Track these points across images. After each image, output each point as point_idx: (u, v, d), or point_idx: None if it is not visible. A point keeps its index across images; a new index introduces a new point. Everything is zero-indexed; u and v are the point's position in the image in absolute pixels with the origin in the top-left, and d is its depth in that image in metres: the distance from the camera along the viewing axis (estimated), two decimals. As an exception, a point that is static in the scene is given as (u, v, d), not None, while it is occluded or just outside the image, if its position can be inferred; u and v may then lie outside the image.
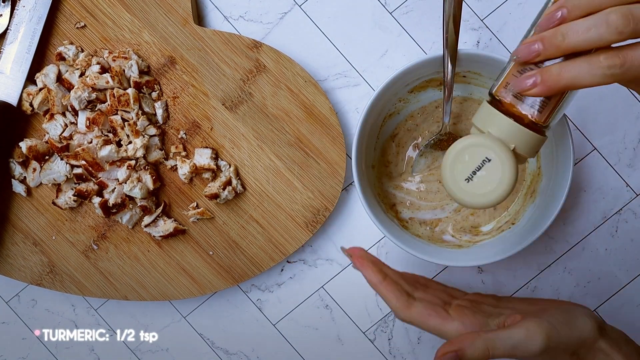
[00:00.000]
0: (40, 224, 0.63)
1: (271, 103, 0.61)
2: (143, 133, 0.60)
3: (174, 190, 0.63)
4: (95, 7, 0.61)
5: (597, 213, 0.63)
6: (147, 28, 0.61)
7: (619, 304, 0.64)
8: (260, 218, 0.62)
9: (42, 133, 0.62)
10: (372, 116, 0.56)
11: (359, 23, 0.63)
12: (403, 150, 0.61)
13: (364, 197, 0.54)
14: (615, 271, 0.64)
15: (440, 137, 0.59)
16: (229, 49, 0.61)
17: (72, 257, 0.63)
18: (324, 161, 0.61)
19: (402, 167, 0.61)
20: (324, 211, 0.62)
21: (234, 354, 0.66)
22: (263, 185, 0.62)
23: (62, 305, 0.66)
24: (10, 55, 0.60)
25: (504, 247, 0.55)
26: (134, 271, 0.63)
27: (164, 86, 0.62)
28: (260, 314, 0.65)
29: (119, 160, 0.60)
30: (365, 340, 0.65)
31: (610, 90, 0.62)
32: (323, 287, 0.65)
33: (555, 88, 0.41)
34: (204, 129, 0.62)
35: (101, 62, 0.60)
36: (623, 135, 0.63)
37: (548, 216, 0.53)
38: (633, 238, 0.63)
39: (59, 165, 0.61)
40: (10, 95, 0.60)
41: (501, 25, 0.62)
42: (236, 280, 0.63)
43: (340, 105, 0.64)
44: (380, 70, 0.63)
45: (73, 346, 0.67)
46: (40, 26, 0.61)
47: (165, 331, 0.66)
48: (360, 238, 0.64)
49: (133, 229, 0.63)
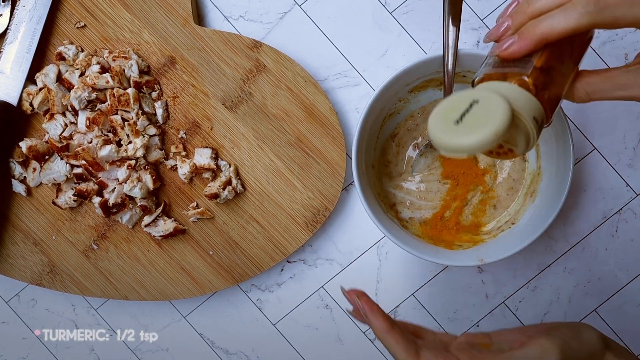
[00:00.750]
0: (40, 223, 0.63)
1: (271, 103, 0.61)
2: (143, 133, 0.60)
3: (174, 190, 0.63)
4: (95, 6, 0.61)
5: (597, 213, 0.63)
6: (147, 28, 0.61)
7: (619, 304, 0.64)
8: (260, 218, 0.62)
9: (42, 133, 0.62)
10: (372, 116, 0.56)
11: (359, 23, 0.63)
12: (403, 150, 0.61)
13: (364, 196, 0.54)
14: (615, 271, 0.64)
15: None
16: (229, 49, 0.61)
17: (72, 257, 0.63)
18: (324, 161, 0.61)
19: (402, 167, 0.61)
20: (324, 211, 0.62)
21: (234, 354, 0.66)
22: (263, 185, 0.62)
23: (62, 305, 0.66)
24: (10, 55, 0.60)
25: (504, 247, 0.55)
26: (134, 271, 0.63)
27: (164, 86, 0.62)
28: (260, 313, 0.65)
29: (119, 160, 0.60)
30: (365, 340, 0.65)
31: (610, 90, 0.62)
32: (323, 287, 0.65)
33: (533, 40, 0.40)
34: (204, 128, 0.62)
35: (101, 62, 0.60)
36: (623, 135, 0.63)
37: (548, 216, 0.53)
38: (633, 238, 0.63)
39: (59, 165, 0.61)
40: (10, 95, 0.60)
41: (501, 25, 0.62)
42: (236, 280, 0.63)
43: (340, 105, 0.64)
44: (380, 70, 0.63)
45: (73, 346, 0.67)
46: (40, 26, 0.61)
47: (165, 331, 0.66)
48: (360, 238, 0.64)
49: (133, 228, 0.63)
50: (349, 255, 0.64)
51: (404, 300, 0.65)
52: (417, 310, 0.65)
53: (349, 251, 0.64)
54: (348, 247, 0.64)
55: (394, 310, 0.65)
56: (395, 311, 0.65)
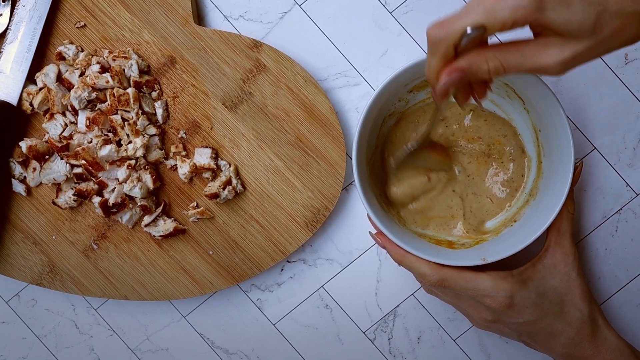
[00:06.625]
0: (40, 223, 0.63)
1: (271, 103, 0.61)
2: (143, 133, 0.60)
3: (174, 189, 0.63)
4: (95, 6, 0.61)
5: (597, 213, 0.63)
6: (147, 27, 0.61)
7: (619, 303, 0.64)
8: (260, 218, 0.62)
9: (42, 132, 0.62)
10: (372, 116, 0.56)
11: (359, 23, 0.63)
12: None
13: (365, 196, 0.54)
14: (615, 271, 0.64)
15: (424, 141, 0.58)
16: (229, 49, 0.61)
17: (72, 257, 0.63)
18: (324, 161, 0.61)
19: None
20: (324, 211, 0.62)
21: (234, 354, 0.66)
22: (263, 184, 0.62)
23: (62, 305, 0.66)
24: (10, 55, 0.60)
25: (505, 246, 0.55)
26: (134, 271, 0.63)
27: (164, 86, 0.62)
28: (260, 313, 0.65)
29: (119, 160, 0.60)
30: (365, 340, 0.65)
31: (610, 90, 0.62)
32: (323, 287, 0.65)
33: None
34: (204, 128, 0.62)
35: (101, 62, 0.60)
36: (623, 135, 0.63)
37: (548, 215, 0.54)
38: (633, 238, 0.63)
39: (59, 164, 0.61)
40: (11, 95, 0.60)
41: (501, 25, 0.62)
42: (236, 280, 0.63)
43: (340, 105, 0.64)
44: (380, 70, 0.63)
45: (73, 346, 0.67)
46: (40, 26, 0.61)
47: (165, 331, 0.66)
48: (360, 238, 0.64)
49: (133, 228, 0.63)
50: (349, 255, 0.64)
51: (404, 300, 0.65)
52: (417, 310, 0.65)
53: (349, 251, 0.64)
54: (348, 247, 0.64)
55: (394, 310, 0.65)
56: (395, 311, 0.65)
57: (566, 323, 0.55)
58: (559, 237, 0.56)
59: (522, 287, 0.54)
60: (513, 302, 0.53)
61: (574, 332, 0.55)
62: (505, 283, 0.53)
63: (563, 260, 0.56)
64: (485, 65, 0.42)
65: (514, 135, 0.59)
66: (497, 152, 0.60)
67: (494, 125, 0.60)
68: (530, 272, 0.55)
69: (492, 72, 0.42)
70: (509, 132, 0.60)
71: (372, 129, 0.58)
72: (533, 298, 0.54)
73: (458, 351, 0.65)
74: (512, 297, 0.53)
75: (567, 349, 0.55)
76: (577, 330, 0.55)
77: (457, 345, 0.65)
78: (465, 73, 0.43)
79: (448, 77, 0.43)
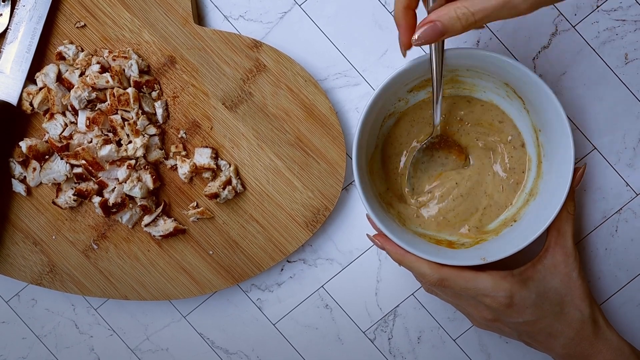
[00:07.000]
0: (40, 223, 0.63)
1: (271, 103, 0.61)
2: (143, 132, 0.60)
3: (174, 189, 0.63)
4: (95, 6, 0.61)
5: (597, 213, 0.63)
6: (147, 27, 0.61)
7: (619, 303, 0.64)
8: (260, 217, 0.62)
9: (42, 132, 0.62)
10: (372, 115, 0.56)
11: (359, 23, 0.63)
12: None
13: (365, 196, 0.54)
14: (615, 271, 0.64)
15: (432, 140, 0.58)
16: (229, 49, 0.61)
17: (72, 257, 0.63)
18: (324, 161, 0.61)
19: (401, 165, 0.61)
20: (324, 211, 0.62)
21: (234, 354, 0.66)
22: (263, 184, 0.62)
23: (62, 305, 0.66)
24: (10, 55, 0.60)
25: (505, 246, 0.55)
26: (134, 271, 0.63)
27: (164, 86, 0.62)
28: (260, 313, 0.65)
29: (119, 160, 0.60)
30: (365, 340, 0.65)
31: (610, 90, 0.62)
32: (323, 287, 0.65)
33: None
34: (204, 128, 0.62)
35: (101, 62, 0.60)
36: (623, 135, 0.63)
37: (548, 215, 0.54)
38: (633, 238, 0.63)
39: (59, 164, 0.61)
40: (10, 95, 0.60)
41: (501, 24, 0.62)
42: (236, 280, 0.63)
43: (340, 105, 0.64)
44: (380, 70, 0.63)
45: (73, 346, 0.67)
46: (40, 26, 0.61)
47: (165, 331, 0.66)
48: (360, 238, 0.64)
49: (133, 228, 0.63)
50: (349, 255, 0.64)
51: (404, 300, 0.65)
52: (417, 310, 0.65)
53: (349, 251, 0.64)
54: (348, 247, 0.64)
55: (394, 310, 0.65)
56: (395, 311, 0.65)
57: (566, 323, 0.55)
58: (559, 238, 0.56)
59: (522, 287, 0.54)
60: (513, 302, 0.53)
61: (574, 332, 0.55)
62: (506, 283, 0.53)
63: (563, 261, 0.56)
64: (454, 12, 0.44)
65: (513, 127, 0.59)
66: (499, 143, 0.60)
67: (489, 110, 0.59)
68: (530, 272, 0.55)
69: (461, 20, 0.43)
70: (504, 119, 0.59)
71: (372, 129, 0.58)
72: (533, 298, 0.54)
73: (458, 351, 0.65)
74: (512, 297, 0.53)
75: (567, 349, 0.55)
76: (578, 330, 0.55)
77: (457, 345, 0.65)
78: (436, 25, 0.44)
79: (421, 31, 0.45)
